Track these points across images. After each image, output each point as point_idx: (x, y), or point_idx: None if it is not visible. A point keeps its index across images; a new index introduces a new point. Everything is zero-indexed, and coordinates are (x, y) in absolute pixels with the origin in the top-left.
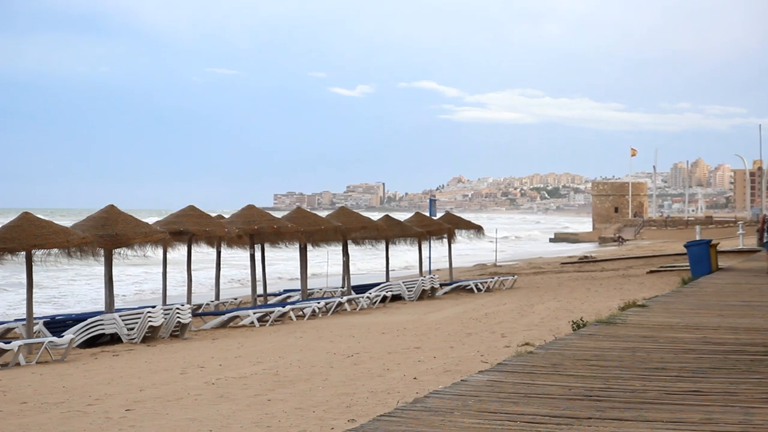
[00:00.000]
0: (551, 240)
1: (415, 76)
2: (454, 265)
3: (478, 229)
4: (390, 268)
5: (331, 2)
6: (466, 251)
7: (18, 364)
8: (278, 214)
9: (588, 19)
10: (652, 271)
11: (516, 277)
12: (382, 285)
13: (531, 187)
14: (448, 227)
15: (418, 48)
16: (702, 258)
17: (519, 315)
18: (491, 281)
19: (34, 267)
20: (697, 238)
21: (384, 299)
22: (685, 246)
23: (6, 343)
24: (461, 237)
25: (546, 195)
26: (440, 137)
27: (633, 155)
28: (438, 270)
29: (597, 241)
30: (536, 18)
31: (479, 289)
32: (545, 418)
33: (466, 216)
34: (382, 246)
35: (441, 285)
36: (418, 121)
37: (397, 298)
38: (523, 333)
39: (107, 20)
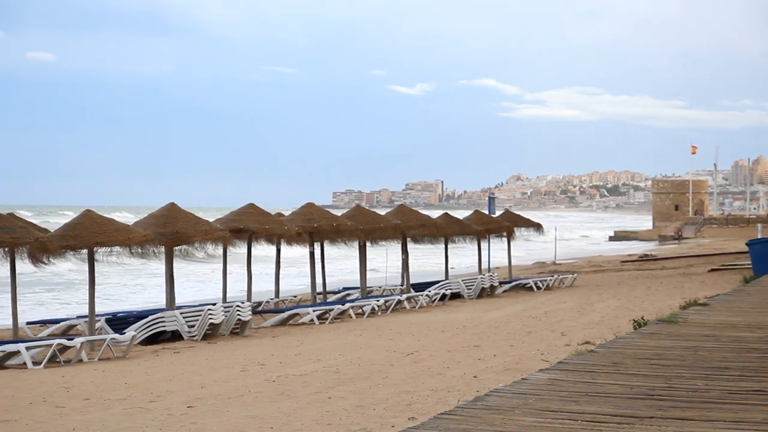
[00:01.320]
0: (611, 238)
1: (475, 74)
2: (513, 263)
3: (538, 227)
4: (449, 266)
5: (390, 0)
6: (526, 249)
7: (80, 361)
8: (337, 212)
9: (648, 16)
10: (713, 270)
11: (576, 275)
12: (441, 283)
13: (590, 184)
14: (508, 225)
15: (478, 45)
16: (764, 256)
17: (579, 313)
18: (551, 279)
19: (96, 264)
20: (759, 236)
21: (443, 297)
22: (747, 244)
23: (69, 339)
24: (520, 235)
25: (605, 193)
26: (499, 135)
27: (693, 153)
28: (497, 268)
29: (657, 239)
30: (597, 15)
31: (539, 288)
32: (606, 417)
33: (525, 214)
34: (441, 244)
35: (500, 283)
36: (478, 119)
37: (456, 296)
38: (584, 331)
39: (167, 19)
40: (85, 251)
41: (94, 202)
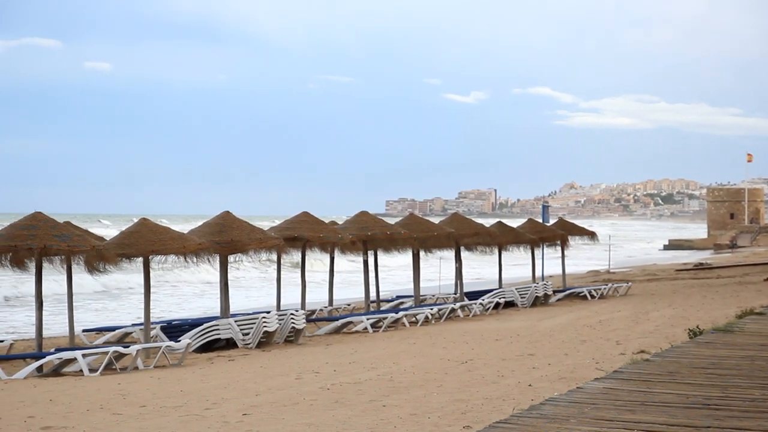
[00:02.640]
0: (665, 246)
1: (530, 82)
2: (567, 272)
3: (592, 235)
4: (502, 275)
5: (445, 8)
6: (579, 258)
7: (136, 368)
8: (390, 221)
9: (703, 23)
10: None
11: (630, 284)
12: (495, 291)
13: (644, 193)
14: (561, 234)
15: (533, 54)
16: None
17: (633, 322)
18: (605, 288)
19: (152, 272)
20: None
21: (497, 306)
22: None
23: (125, 347)
24: (574, 243)
25: (660, 201)
26: (553, 143)
27: (749, 161)
28: (551, 276)
29: (712, 247)
30: (651, 22)
31: (593, 296)
32: (662, 427)
33: (579, 222)
34: (495, 252)
35: (554, 292)
36: (532, 127)
37: (510, 304)
38: (638, 340)
39: (222, 29)
40: (140, 259)
41: (149, 210)
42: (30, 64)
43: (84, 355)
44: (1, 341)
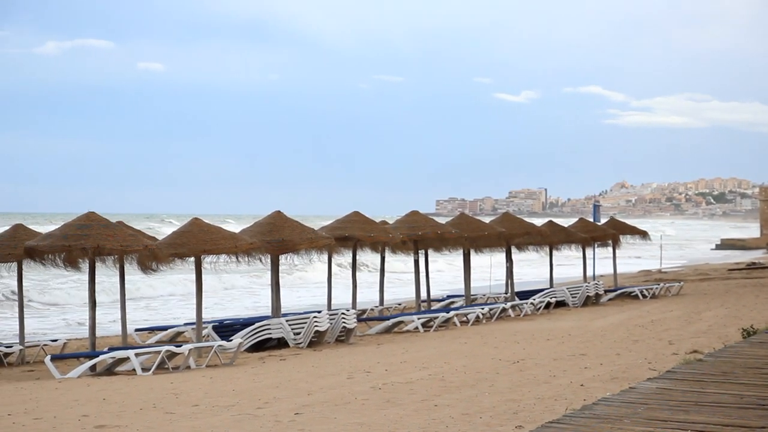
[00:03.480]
0: (717, 246)
1: (581, 81)
2: (618, 271)
3: (643, 234)
4: (553, 275)
5: (496, 7)
6: (630, 257)
7: (188, 368)
8: (440, 220)
9: (757, 21)
10: None
11: (682, 283)
12: (546, 291)
13: (696, 192)
14: (613, 233)
15: (584, 52)
16: None
17: (686, 322)
18: (656, 288)
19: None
20: None
21: (548, 305)
22: None
23: (177, 346)
24: (625, 242)
25: (712, 200)
26: (604, 142)
27: None
28: (602, 276)
29: (765, 247)
30: (704, 21)
31: (644, 296)
32: (717, 428)
33: (630, 222)
34: (546, 252)
35: (605, 291)
36: (582, 126)
37: (560, 304)
38: (691, 340)
39: (273, 29)
40: (192, 259)
41: (200, 210)
42: (84, 65)
43: (137, 355)
44: (55, 340)
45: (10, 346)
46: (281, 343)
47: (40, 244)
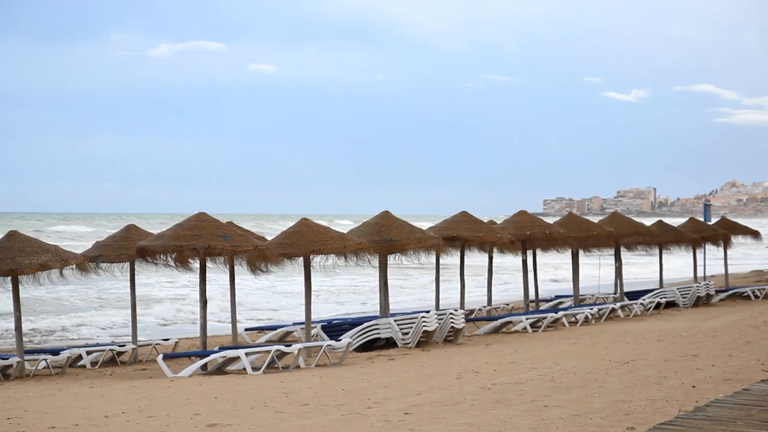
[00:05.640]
0: None
1: (692, 79)
2: (729, 272)
3: (755, 234)
4: (664, 275)
5: (605, 5)
6: (742, 257)
7: (298, 367)
8: (548, 220)
9: None
10: None
11: None
12: (655, 291)
13: None
14: (724, 233)
15: (695, 50)
16: None
17: None
18: None
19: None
20: None
21: (658, 306)
22: None
23: (287, 346)
24: (737, 242)
25: None
26: (714, 141)
27: None
28: (712, 276)
29: None
30: None
31: (756, 296)
32: None
33: (741, 221)
34: (655, 252)
35: (716, 291)
36: (692, 125)
37: (671, 304)
38: None
39: (379, 29)
40: (301, 259)
41: (309, 210)
42: (196, 67)
43: (247, 354)
44: (166, 339)
45: (123, 345)
46: (389, 343)
47: (152, 244)
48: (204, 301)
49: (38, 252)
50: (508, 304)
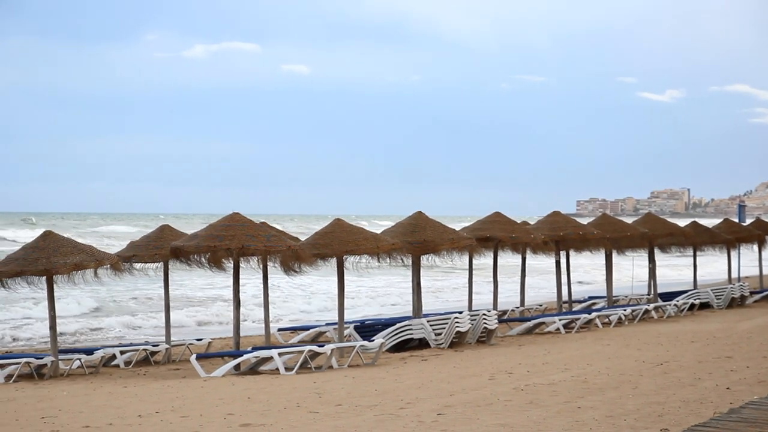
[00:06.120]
0: None
1: (728, 80)
2: (764, 273)
3: None
4: (698, 276)
5: (639, 5)
6: None
7: (331, 367)
8: (581, 221)
9: None
10: None
11: None
12: (689, 292)
13: None
14: (759, 234)
15: (730, 50)
16: None
17: None
18: None
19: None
20: None
21: (692, 307)
22: None
23: (320, 346)
24: None
25: None
26: (750, 141)
27: None
28: (747, 277)
29: None
30: None
31: None
32: None
33: None
34: (689, 253)
35: (751, 293)
36: (728, 125)
37: (705, 306)
38: None
39: (413, 30)
40: (334, 259)
41: (342, 210)
42: (230, 68)
43: (280, 354)
44: (199, 339)
45: (157, 345)
46: (422, 344)
47: (187, 244)
48: (237, 302)
49: (73, 252)
50: (541, 305)
